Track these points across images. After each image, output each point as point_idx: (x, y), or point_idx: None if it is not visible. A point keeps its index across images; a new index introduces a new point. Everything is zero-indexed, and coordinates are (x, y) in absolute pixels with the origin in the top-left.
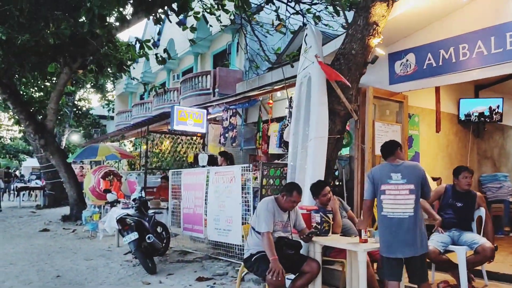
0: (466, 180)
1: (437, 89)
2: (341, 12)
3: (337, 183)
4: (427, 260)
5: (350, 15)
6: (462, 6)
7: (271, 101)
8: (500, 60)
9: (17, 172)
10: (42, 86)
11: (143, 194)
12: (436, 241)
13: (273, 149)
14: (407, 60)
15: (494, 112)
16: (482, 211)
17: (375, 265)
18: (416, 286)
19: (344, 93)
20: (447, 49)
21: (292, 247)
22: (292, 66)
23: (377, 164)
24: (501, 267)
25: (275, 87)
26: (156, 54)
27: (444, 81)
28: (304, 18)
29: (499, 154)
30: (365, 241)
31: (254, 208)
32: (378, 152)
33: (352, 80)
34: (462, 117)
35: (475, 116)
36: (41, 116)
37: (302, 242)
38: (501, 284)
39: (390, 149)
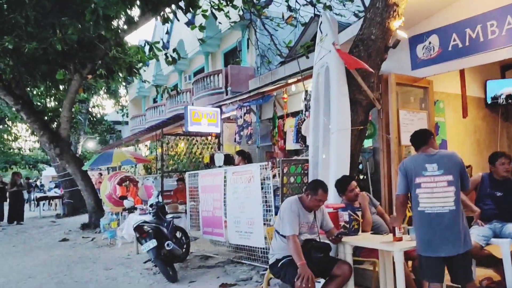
0: (504, 167)
1: (462, 72)
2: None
3: (361, 177)
4: None
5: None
6: None
7: (285, 96)
8: None
9: (37, 182)
10: (56, 95)
11: (160, 199)
12: (476, 234)
13: (290, 144)
14: (429, 43)
15: None
16: None
17: (409, 263)
18: (459, 286)
19: (366, 81)
20: (474, 27)
21: (321, 250)
22: (307, 57)
23: (403, 155)
24: None
25: (289, 81)
26: (165, 54)
27: (472, 63)
28: (315, 8)
29: None
30: (400, 239)
31: (275, 208)
32: (404, 142)
33: (372, 67)
34: (489, 100)
35: (503, 98)
36: (55, 125)
37: (330, 243)
38: None
39: (423, 138)
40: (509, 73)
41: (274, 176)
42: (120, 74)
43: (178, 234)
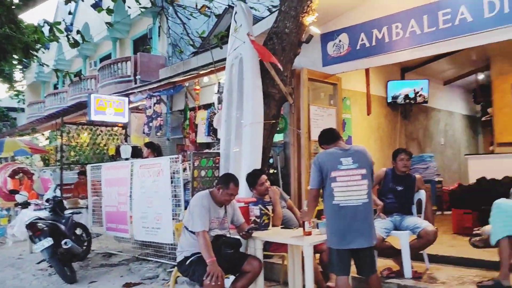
0: (403, 162)
1: (367, 71)
2: None
3: (272, 171)
4: None
5: None
6: None
7: (197, 87)
8: (433, 39)
9: None
10: None
11: (58, 193)
12: (379, 227)
13: (202, 137)
14: (340, 41)
15: (418, 94)
16: (421, 194)
17: (316, 255)
18: (363, 277)
19: (279, 75)
20: (380, 28)
21: (231, 246)
22: (221, 48)
23: (312, 150)
24: (439, 248)
25: (202, 72)
26: (67, 36)
27: (378, 62)
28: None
29: (423, 135)
30: (309, 233)
31: (185, 202)
32: (313, 137)
33: (286, 61)
34: (390, 100)
35: (401, 98)
36: None
37: (241, 239)
38: (441, 267)
39: (332, 135)
40: (408, 75)
41: (184, 169)
42: (15, 56)
43: (78, 231)
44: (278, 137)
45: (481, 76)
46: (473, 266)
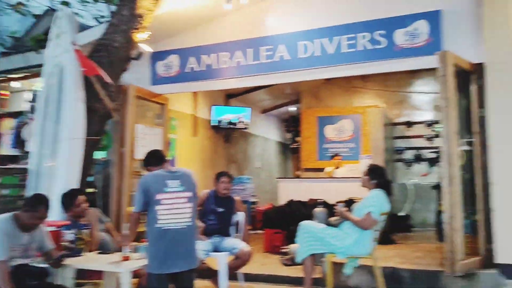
0: (224, 185)
1: (195, 94)
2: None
3: (90, 191)
4: None
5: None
6: (225, 15)
7: (5, 92)
8: (256, 72)
9: None
10: None
11: None
12: (199, 249)
13: (6, 149)
14: (170, 61)
15: (240, 120)
16: (240, 216)
17: (134, 280)
18: None
19: (105, 89)
20: (209, 55)
21: (35, 276)
22: (38, 52)
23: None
24: (252, 267)
25: (12, 76)
26: None
27: (205, 87)
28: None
29: (243, 159)
30: (128, 258)
31: None
32: (137, 156)
33: (113, 76)
34: (214, 123)
35: (225, 123)
36: None
37: (50, 267)
38: (255, 285)
39: (159, 157)
40: (232, 101)
41: None
42: None
43: None
44: (100, 155)
45: (292, 108)
46: (282, 282)
